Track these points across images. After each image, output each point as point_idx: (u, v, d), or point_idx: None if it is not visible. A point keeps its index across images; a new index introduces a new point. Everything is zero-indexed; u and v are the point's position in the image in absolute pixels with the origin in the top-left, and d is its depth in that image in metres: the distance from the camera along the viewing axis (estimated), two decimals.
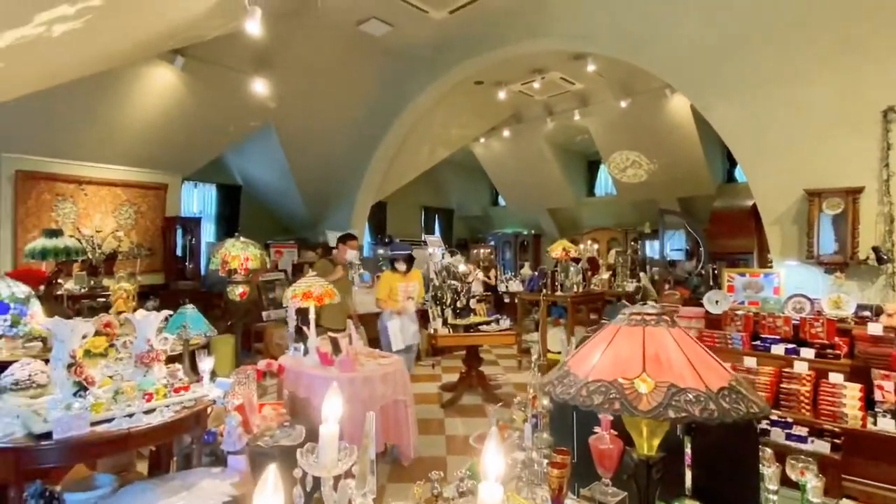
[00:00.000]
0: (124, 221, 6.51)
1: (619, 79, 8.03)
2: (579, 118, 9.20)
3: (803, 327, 3.38)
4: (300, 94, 6.74)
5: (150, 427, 2.06)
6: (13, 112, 5.12)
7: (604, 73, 7.71)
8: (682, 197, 10.11)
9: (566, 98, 9.07)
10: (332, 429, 0.92)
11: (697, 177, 9.41)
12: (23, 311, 2.11)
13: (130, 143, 6.28)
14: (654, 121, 8.70)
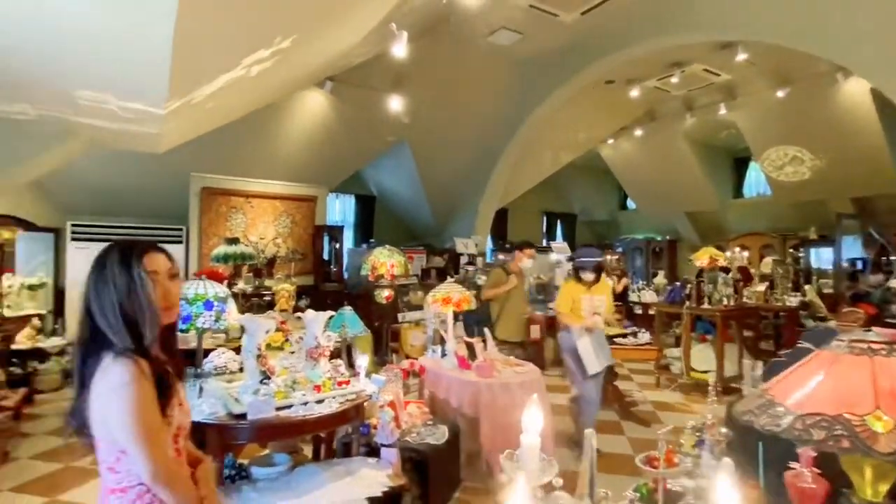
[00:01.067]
0: (282, 230, 7.39)
1: (774, 66, 7.13)
2: (725, 112, 8.33)
3: None
4: (432, 108, 7.06)
5: (321, 416, 2.30)
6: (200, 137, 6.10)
7: (756, 62, 6.90)
8: (857, 197, 8.61)
9: (709, 91, 8.29)
10: (533, 439, 0.94)
11: (879, 173, 7.93)
12: (223, 309, 2.48)
13: (288, 161, 7.12)
14: (821, 110, 7.56)
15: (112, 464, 1.16)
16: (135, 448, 1.11)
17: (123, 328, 1.14)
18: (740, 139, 10.05)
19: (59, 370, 5.45)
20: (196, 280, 2.56)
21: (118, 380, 1.10)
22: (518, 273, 4.34)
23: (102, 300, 1.15)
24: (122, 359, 1.12)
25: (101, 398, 1.12)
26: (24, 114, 2.12)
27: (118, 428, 1.11)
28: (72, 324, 5.94)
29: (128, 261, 1.16)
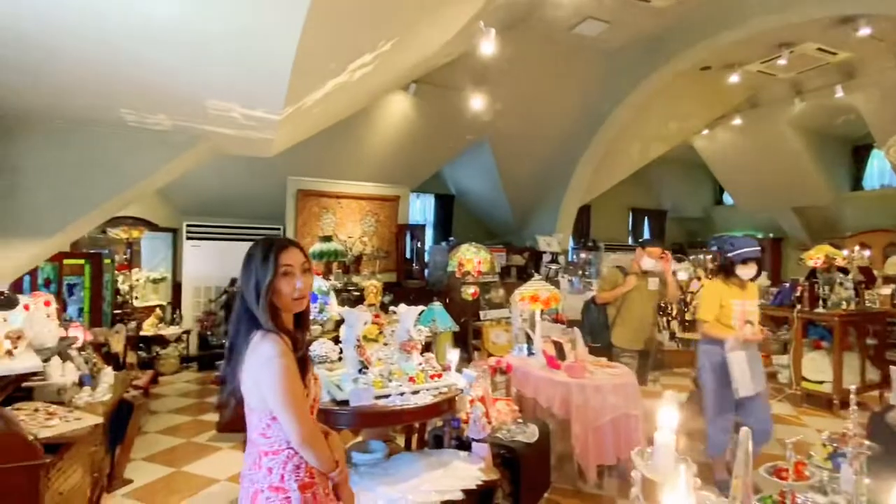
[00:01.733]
0: (368, 229, 7.70)
1: None
2: (842, 95, 7.45)
3: None
4: (513, 105, 7.00)
5: (417, 406, 2.37)
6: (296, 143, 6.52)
7: (882, 37, 6.11)
8: None
9: (823, 72, 7.46)
10: (668, 438, 0.90)
11: None
12: (326, 301, 2.64)
13: (373, 163, 7.41)
14: None
15: (263, 430, 1.33)
16: (284, 413, 1.28)
17: (266, 311, 1.32)
18: (860, 125, 8.93)
19: (177, 355, 6.09)
20: None
21: (268, 354, 1.28)
22: (639, 274, 3.88)
23: (249, 286, 1.35)
24: (269, 336, 1.31)
25: (254, 370, 1.30)
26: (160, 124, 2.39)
27: (270, 395, 1.29)
28: (187, 314, 6.62)
29: (268, 255, 1.35)
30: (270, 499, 1.31)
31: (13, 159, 2.32)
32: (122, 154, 2.50)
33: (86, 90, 2.09)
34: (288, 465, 1.32)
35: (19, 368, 1.78)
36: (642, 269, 3.89)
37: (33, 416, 1.97)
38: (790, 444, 1.45)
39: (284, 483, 1.31)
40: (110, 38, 1.59)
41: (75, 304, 4.24)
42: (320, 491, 1.35)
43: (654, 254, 3.87)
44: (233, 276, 6.67)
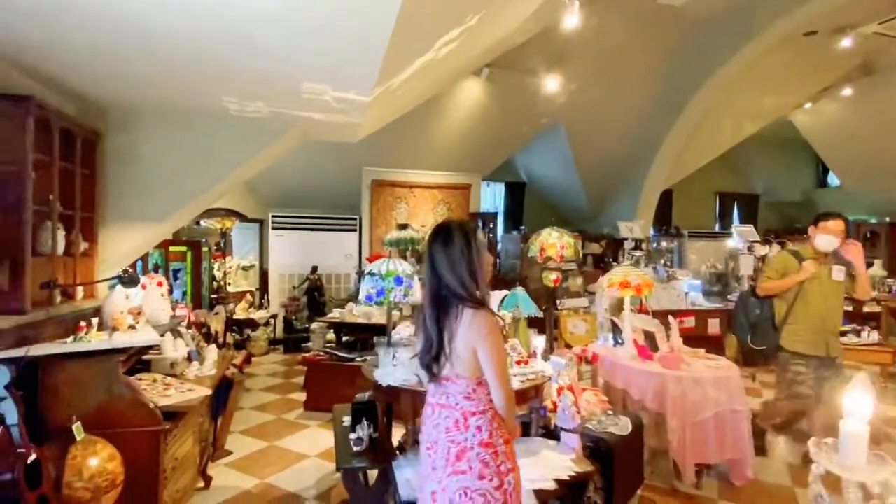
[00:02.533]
0: (440, 217, 7.72)
1: None
2: None
3: None
4: (590, 85, 6.68)
5: None
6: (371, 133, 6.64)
7: None
8: None
9: None
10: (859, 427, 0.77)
11: None
12: (410, 284, 2.64)
13: (445, 151, 7.40)
14: None
15: (469, 394, 1.50)
16: (496, 380, 1.46)
17: (472, 287, 1.48)
18: None
19: (266, 338, 6.47)
20: (387, 259, 2.76)
21: (488, 326, 1.45)
22: (820, 259, 3.09)
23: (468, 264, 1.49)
24: (485, 310, 1.48)
25: (471, 341, 1.45)
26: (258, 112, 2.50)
27: (486, 364, 1.46)
28: (274, 300, 7.01)
29: (468, 237, 1.52)
30: (481, 454, 1.45)
31: (137, 148, 2.55)
32: (225, 142, 2.66)
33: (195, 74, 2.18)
34: (493, 423, 1.48)
35: (142, 341, 1.93)
36: (821, 252, 3.10)
37: (153, 385, 2.15)
38: None
39: (493, 439, 1.47)
40: (219, 18, 1.65)
41: (179, 289, 4.61)
42: (511, 445, 1.53)
43: (835, 230, 3.04)
44: (313, 264, 6.97)
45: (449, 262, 1.49)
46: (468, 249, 1.49)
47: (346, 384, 4.04)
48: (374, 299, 2.62)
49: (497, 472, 1.46)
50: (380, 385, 2.41)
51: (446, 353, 1.49)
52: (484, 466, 1.45)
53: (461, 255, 1.49)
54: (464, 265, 1.48)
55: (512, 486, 1.49)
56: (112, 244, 2.55)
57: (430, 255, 1.54)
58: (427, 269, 1.56)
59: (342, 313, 4.62)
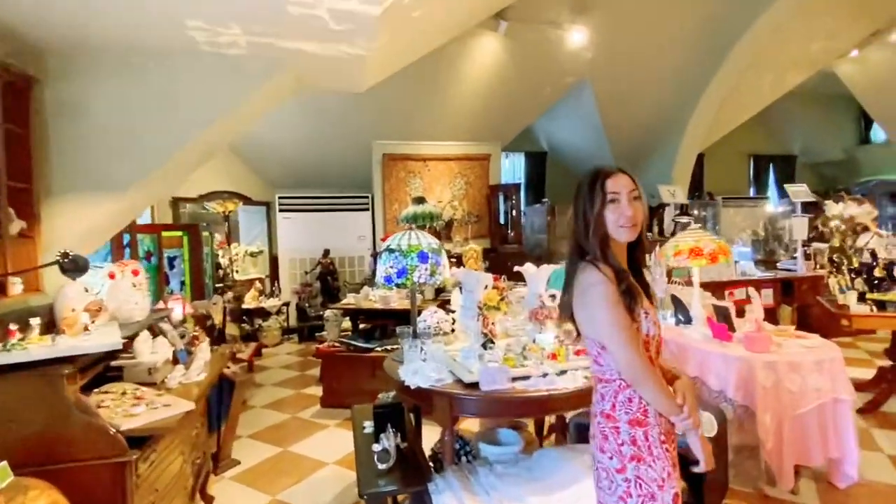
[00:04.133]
0: (457, 192, 7.19)
1: None
2: None
3: None
4: (619, 38, 6.02)
5: (567, 391, 1.81)
6: (378, 104, 6.11)
7: None
8: None
9: None
10: None
11: None
12: (438, 261, 2.14)
13: (461, 119, 6.81)
14: None
15: (596, 356, 1.33)
16: (609, 340, 1.26)
17: (595, 241, 1.29)
18: None
19: (279, 327, 6.07)
20: (408, 231, 2.26)
21: (587, 281, 1.27)
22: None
23: (577, 216, 1.34)
24: (589, 266, 1.28)
25: (578, 298, 1.31)
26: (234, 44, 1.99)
27: (592, 322, 1.29)
28: (285, 286, 6.59)
29: (594, 184, 1.31)
30: (601, 424, 1.31)
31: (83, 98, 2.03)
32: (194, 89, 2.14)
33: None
34: (620, 396, 1.29)
35: (95, 346, 1.47)
36: None
37: (119, 401, 1.70)
38: None
39: (615, 412, 1.29)
40: None
41: (177, 278, 4.18)
42: (654, 433, 1.26)
43: None
44: (325, 247, 6.51)
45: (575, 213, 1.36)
46: (590, 198, 1.31)
47: (365, 377, 3.59)
48: (395, 281, 2.13)
49: (618, 451, 1.26)
50: (407, 386, 1.93)
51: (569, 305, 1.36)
52: (603, 439, 1.30)
53: (582, 205, 1.33)
54: (581, 215, 1.33)
55: (637, 478, 1.24)
56: (61, 223, 2.05)
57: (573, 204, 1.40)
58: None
59: (357, 298, 4.16)
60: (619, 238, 1.29)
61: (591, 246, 1.28)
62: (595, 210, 1.29)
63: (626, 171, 1.34)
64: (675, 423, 1.25)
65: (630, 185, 1.30)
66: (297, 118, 6.01)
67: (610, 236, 1.29)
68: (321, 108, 5.93)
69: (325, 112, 6.00)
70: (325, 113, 6.01)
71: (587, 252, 1.30)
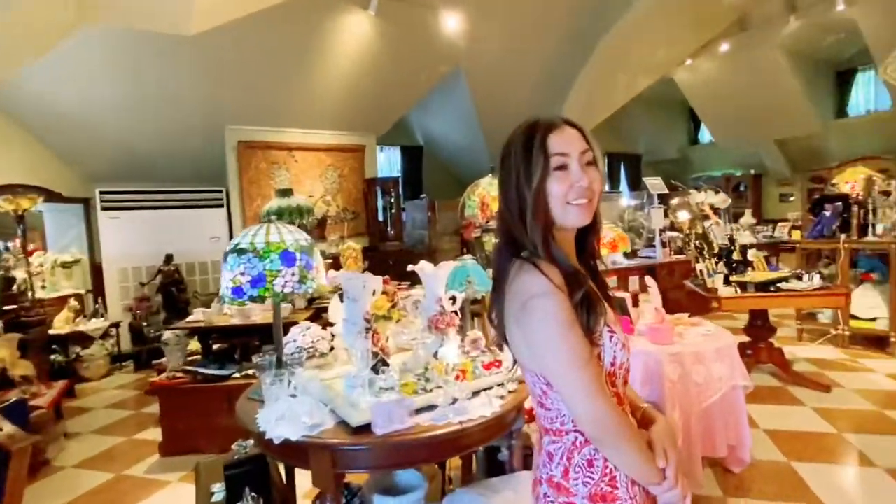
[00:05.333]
0: (330, 185, 6.54)
1: None
2: (843, 8, 6.82)
3: None
4: (492, 28, 5.92)
5: (484, 421, 1.42)
6: (232, 81, 5.23)
7: None
8: None
9: None
10: None
11: None
12: (309, 264, 1.61)
13: (330, 106, 6.18)
14: None
15: (540, 396, 0.92)
16: (561, 380, 0.85)
17: (535, 227, 0.88)
18: (847, 47, 8.49)
19: (106, 354, 4.86)
20: (265, 225, 1.68)
21: (525, 290, 0.85)
22: None
23: (508, 194, 0.93)
24: (526, 266, 0.87)
25: (513, 313, 0.88)
26: None
27: (533, 350, 0.87)
28: (113, 303, 5.33)
29: (531, 142, 0.90)
30: (548, 496, 0.89)
31: None
32: None
33: None
34: (576, 457, 0.88)
35: None
36: None
37: None
38: None
39: (568, 481, 0.88)
40: None
41: None
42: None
43: None
44: (167, 251, 5.42)
45: (505, 185, 0.95)
46: (525, 164, 0.90)
47: (220, 413, 2.84)
48: (248, 293, 1.55)
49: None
50: (269, 440, 1.38)
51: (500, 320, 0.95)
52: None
53: (512, 175, 0.92)
54: (512, 190, 0.92)
55: None
56: None
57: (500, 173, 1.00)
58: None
59: (208, 314, 3.36)
60: (567, 221, 0.90)
61: (530, 235, 0.88)
62: (534, 182, 0.88)
63: (574, 123, 0.94)
64: (657, 495, 0.88)
65: (581, 144, 0.91)
66: (121, 93, 4.85)
67: (554, 220, 0.89)
68: (156, 82, 4.86)
69: (162, 87, 4.93)
70: (161, 88, 4.94)
71: (522, 245, 0.90)
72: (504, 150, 0.95)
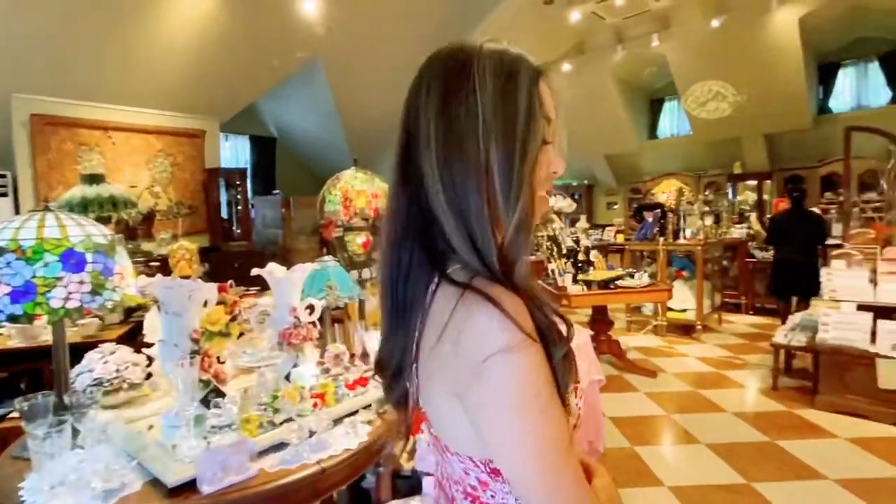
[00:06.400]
0: (159, 175, 5.58)
1: None
2: (658, 44, 7.99)
3: None
4: (353, 17, 5.64)
5: (350, 455, 1.19)
6: (25, 44, 4.15)
7: None
8: (770, 133, 8.97)
9: (643, 20, 7.87)
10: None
11: (794, 108, 8.24)
12: (107, 268, 1.21)
13: (162, 82, 5.27)
14: (750, 42, 7.51)
15: (472, 488, 0.60)
16: (525, 474, 0.54)
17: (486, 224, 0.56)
18: (659, 79, 9.98)
19: None
20: (41, 213, 1.22)
21: (481, 346, 0.51)
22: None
23: (454, 165, 0.56)
24: (477, 300, 0.52)
25: (451, 377, 0.55)
26: None
27: (490, 440, 0.54)
28: None
29: (515, 87, 0.58)
30: None
31: None
32: None
33: None
34: None
35: None
36: None
37: None
38: None
39: None
40: None
41: None
42: None
43: None
44: None
45: (447, 147, 0.56)
46: (500, 115, 0.56)
47: None
48: (5, 311, 1.10)
49: None
50: None
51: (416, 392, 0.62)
52: None
53: (467, 126, 0.55)
54: (469, 154, 0.55)
55: None
56: None
57: (407, 114, 0.63)
58: (395, 175, 0.63)
59: None
60: (540, 208, 0.62)
61: (509, 241, 0.57)
62: (529, 154, 0.58)
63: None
64: None
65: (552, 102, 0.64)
66: None
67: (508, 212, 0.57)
68: None
69: None
70: None
71: (455, 254, 0.58)
72: (443, 82, 0.59)
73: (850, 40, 8.33)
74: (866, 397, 3.05)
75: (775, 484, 2.36)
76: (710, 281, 5.17)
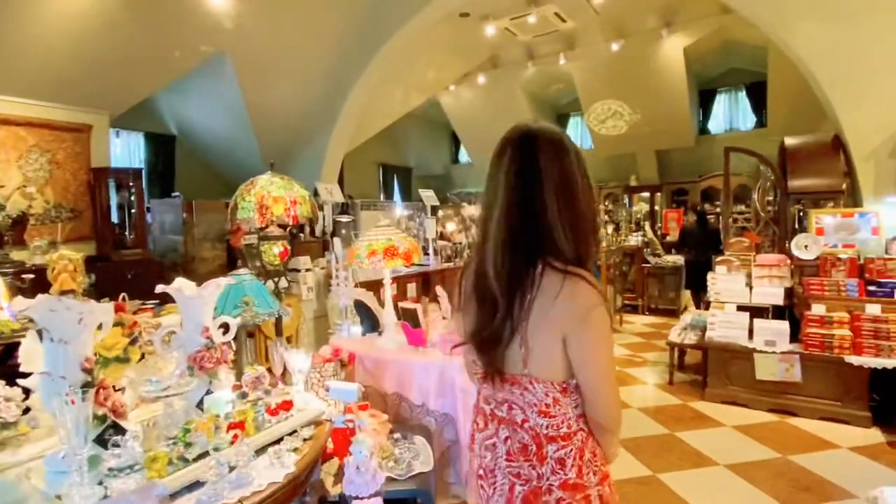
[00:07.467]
0: (34, 173, 4.87)
1: (614, 17, 7.43)
2: (565, 62, 8.51)
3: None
4: (264, 15, 5.37)
5: (276, 488, 1.11)
6: None
7: (601, 10, 7.07)
8: (660, 150, 9.91)
9: (551, 40, 8.33)
10: None
11: (680, 128, 9.19)
12: None
13: (41, 68, 4.61)
14: (644, 66, 8.25)
15: (546, 407, 0.95)
16: (603, 386, 0.95)
17: (576, 236, 0.93)
18: (565, 95, 10.64)
19: None
20: None
21: (587, 301, 0.89)
22: None
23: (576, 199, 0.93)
24: (577, 278, 0.89)
25: (567, 325, 0.90)
26: None
27: (589, 362, 0.93)
28: None
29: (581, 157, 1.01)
30: (563, 500, 0.94)
31: None
32: None
33: None
34: (585, 454, 0.96)
35: None
36: None
37: None
38: None
39: (583, 478, 0.95)
40: None
41: None
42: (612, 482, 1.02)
43: None
44: None
45: (562, 187, 0.92)
46: (584, 176, 0.95)
47: None
48: None
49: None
50: None
51: (520, 340, 0.92)
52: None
53: (578, 182, 0.94)
54: (580, 199, 0.93)
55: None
56: None
57: (524, 162, 0.95)
58: (504, 187, 0.95)
59: None
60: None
61: (590, 248, 0.95)
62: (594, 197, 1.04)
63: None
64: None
65: None
66: None
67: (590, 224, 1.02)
68: None
69: None
70: None
71: (579, 256, 0.93)
72: (558, 147, 0.95)
73: (724, 70, 9.48)
74: (746, 388, 3.45)
75: (677, 473, 2.59)
76: (612, 285, 5.56)
